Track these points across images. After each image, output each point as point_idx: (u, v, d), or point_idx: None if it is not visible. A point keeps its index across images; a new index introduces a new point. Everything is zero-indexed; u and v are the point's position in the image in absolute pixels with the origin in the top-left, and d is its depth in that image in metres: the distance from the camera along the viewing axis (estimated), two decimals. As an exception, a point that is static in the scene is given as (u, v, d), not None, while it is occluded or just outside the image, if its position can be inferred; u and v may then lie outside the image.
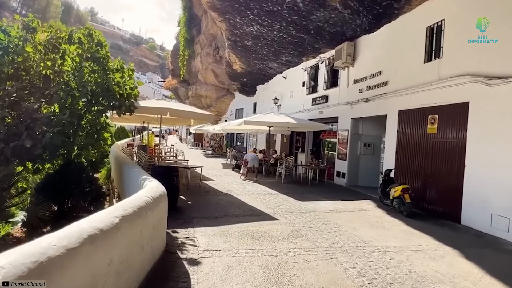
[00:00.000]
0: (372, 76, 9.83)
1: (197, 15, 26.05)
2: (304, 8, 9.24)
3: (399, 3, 8.02)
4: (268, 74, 18.70)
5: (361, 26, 9.87)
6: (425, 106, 7.51)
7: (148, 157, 8.80)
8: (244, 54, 15.17)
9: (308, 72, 14.64)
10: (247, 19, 10.66)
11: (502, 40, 5.78)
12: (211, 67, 24.73)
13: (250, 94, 24.07)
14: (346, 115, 11.28)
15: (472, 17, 6.41)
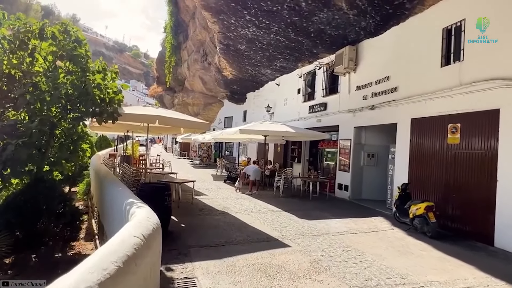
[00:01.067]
0: (378, 81, 9.16)
1: (184, 21, 25.21)
2: (307, 8, 8.53)
3: (412, 3, 7.42)
4: (260, 81, 17.95)
5: (366, 28, 9.24)
6: (443, 114, 6.84)
7: (133, 172, 7.71)
8: (236, 59, 14.36)
9: (304, 78, 13.95)
10: (243, 20, 9.86)
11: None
12: (198, 74, 23.81)
13: (240, 102, 23.25)
14: (348, 123, 10.56)
15: (499, 16, 5.82)
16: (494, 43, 5.86)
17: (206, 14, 9.99)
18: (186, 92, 29.41)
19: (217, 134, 13.10)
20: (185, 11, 23.90)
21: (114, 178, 6.52)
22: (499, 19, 5.81)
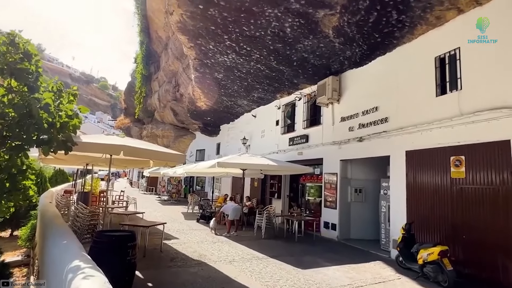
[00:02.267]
0: (366, 112, 8.71)
1: (156, 52, 24.64)
2: (291, 35, 8.07)
3: (401, 31, 7.17)
4: (235, 112, 17.28)
5: (351, 58, 8.94)
6: (444, 146, 6.34)
7: (88, 214, 6.25)
8: (212, 89, 13.62)
9: (283, 110, 13.42)
10: (222, 46, 9.22)
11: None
12: (170, 105, 22.83)
13: (213, 134, 22.32)
14: (333, 156, 9.92)
15: (501, 42, 5.57)
16: (497, 73, 5.53)
17: (182, 38, 9.27)
18: (155, 123, 28.09)
19: (190, 167, 11.91)
20: (157, 42, 23.37)
21: (62, 223, 5.12)
22: (500, 45, 5.55)
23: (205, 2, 7.16)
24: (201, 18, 7.86)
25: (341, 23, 7.22)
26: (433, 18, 6.51)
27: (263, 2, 6.91)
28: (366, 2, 6.30)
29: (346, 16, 6.93)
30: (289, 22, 7.55)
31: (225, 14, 7.51)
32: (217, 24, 8.09)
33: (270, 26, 7.84)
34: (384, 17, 6.65)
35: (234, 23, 7.93)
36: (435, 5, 6.10)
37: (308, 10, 7.01)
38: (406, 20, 6.70)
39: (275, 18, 7.46)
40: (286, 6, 6.98)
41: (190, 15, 7.78)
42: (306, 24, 7.55)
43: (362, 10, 6.55)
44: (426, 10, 6.28)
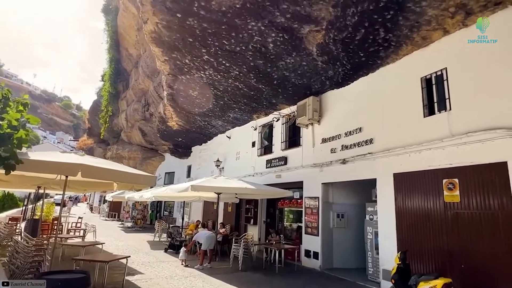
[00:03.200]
0: (349, 133, 8.41)
1: (125, 70, 23.69)
2: (274, 51, 7.71)
3: (386, 51, 7.04)
4: (208, 133, 16.55)
5: (333, 78, 8.72)
6: (435, 168, 6.05)
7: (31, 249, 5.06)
8: (185, 108, 12.90)
9: (259, 131, 12.93)
10: (200, 61, 8.67)
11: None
12: (138, 125, 21.66)
13: (184, 156, 21.28)
14: (315, 179, 9.44)
15: (489, 63, 5.50)
16: (488, 93, 5.41)
17: (156, 50, 8.61)
18: (122, 144, 26.53)
19: (160, 191, 10.87)
20: (127, 60, 22.51)
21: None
22: (489, 65, 5.46)
23: (184, 11, 6.62)
24: (178, 29, 7.30)
25: (326, 40, 6.97)
26: (419, 38, 6.43)
27: (246, 14, 6.51)
28: (354, 18, 6.09)
29: (332, 32, 6.68)
30: (273, 37, 7.20)
31: (204, 25, 7.00)
32: (195, 36, 7.56)
33: (252, 41, 7.43)
34: (371, 35, 6.48)
35: (214, 36, 7.44)
36: (423, 25, 6.01)
37: (293, 25, 6.70)
38: (393, 40, 6.58)
39: (258, 32, 7.07)
40: (270, 20, 6.63)
41: (166, 24, 7.19)
42: (290, 40, 7.23)
43: (350, 26, 6.33)
44: (413, 29, 6.18)
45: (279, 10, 6.30)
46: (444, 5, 5.42)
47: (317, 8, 6.11)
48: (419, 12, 5.67)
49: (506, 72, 5.24)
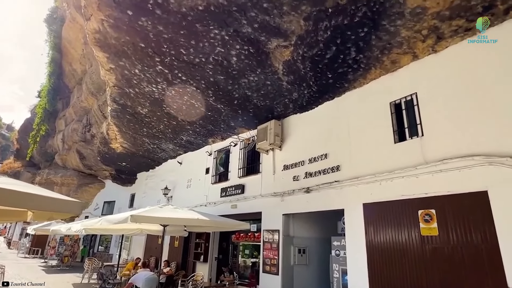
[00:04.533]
0: (313, 160, 7.83)
1: (67, 86, 21.55)
2: (237, 66, 7.04)
3: (355, 74, 6.75)
4: (157, 158, 15.06)
5: (297, 101, 8.24)
6: (409, 197, 5.59)
7: None
8: (132, 127, 11.53)
9: (215, 156, 11.93)
10: (152, 71, 7.66)
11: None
12: (76, 147, 19.35)
13: (127, 183, 19.19)
14: (275, 210, 8.58)
15: (463, 89, 5.34)
16: (463, 118, 5.19)
17: (100, 56, 7.43)
18: (55, 168, 23.44)
19: (92, 222, 9.06)
20: (70, 76, 20.50)
21: None
22: (460, 92, 5.30)
23: (136, 7, 5.71)
24: (128, 30, 6.31)
25: (295, 56, 6.49)
26: (388, 61, 6.23)
27: (209, 19, 5.80)
28: (327, 34, 5.69)
29: (301, 48, 6.22)
30: (237, 50, 6.54)
31: (160, 28, 6.13)
32: (148, 41, 6.61)
33: (214, 52, 6.69)
34: (342, 54, 6.13)
35: (170, 43, 6.57)
36: (394, 47, 5.80)
37: (260, 37, 6.13)
38: (363, 61, 6.29)
39: (221, 42, 6.36)
40: (236, 29, 5.98)
41: (114, 23, 6.18)
42: (256, 55, 6.62)
43: (321, 42, 5.91)
44: (384, 51, 5.95)
45: (247, 18, 5.70)
46: (418, 26, 5.25)
47: (288, 20, 5.62)
48: (393, 32, 5.44)
49: (477, 98, 5.09)
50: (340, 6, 5.13)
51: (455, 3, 4.73)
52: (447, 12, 4.90)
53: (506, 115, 4.71)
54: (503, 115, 4.74)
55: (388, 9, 4.97)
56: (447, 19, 5.04)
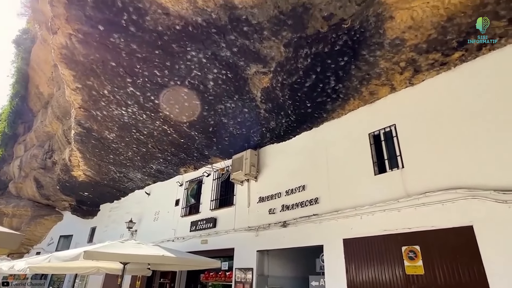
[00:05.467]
0: (291, 192, 7.45)
1: (31, 110, 20.39)
2: (214, 91, 6.77)
3: (333, 104, 6.66)
4: (123, 188, 14.05)
5: (274, 130, 8.01)
6: (392, 233, 5.28)
7: None
8: (98, 153, 10.72)
9: (186, 187, 11.25)
10: (122, 93, 7.20)
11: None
12: (34, 174, 17.85)
13: (88, 216, 17.66)
14: (248, 246, 7.96)
15: (436, 122, 5.32)
16: (444, 150, 5.11)
17: (66, 74, 6.89)
18: (7, 198, 21.34)
19: (39, 260, 7.89)
20: (36, 99, 19.48)
21: None
22: (440, 124, 5.27)
23: (108, 23, 5.38)
24: (99, 47, 5.92)
25: (274, 84, 6.33)
26: (367, 92, 6.21)
27: (187, 40, 5.57)
28: (307, 61, 5.60)
29: (280, 75, 6.08)
30: (214, 74, 6.30)
31: (133, 46, 5.80)
32: (120, 60, 6.23)
33: (190, 75, 6.41)
34: (322, 82, 6.04)
35: (144, 63, 6.23)
36: (373, 78, 5.80)
37: (239, 62, 5.95)
38: (342, 91, 6.23)
39: (198, 65, 6.12)
40: (214, 52, 5.78)
41: (83, 38, 5.78)
42: (234, 80, 6.41)
43: (301, 70, 5.81)
44: (363, 82, 5.93)
45: (226, 41, 5.53)
46: (396, 58, 5.29)
47: (268, 45, 5.50)
48: (372, 63, 5.44)
49: (456, 130, 5.07)
50: (321, 33, 5.09)
51: (432, 37, 4.81)
52: (424, 45, 4.98)
53: (485, 148, 4.66)
54: (482, 148, 4.69)
55: (368, 38, 4.98)
56: (424, 52, 5.11)
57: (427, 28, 4.67)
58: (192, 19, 5.13)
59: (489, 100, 4.81)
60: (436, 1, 4.32)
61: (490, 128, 4.69)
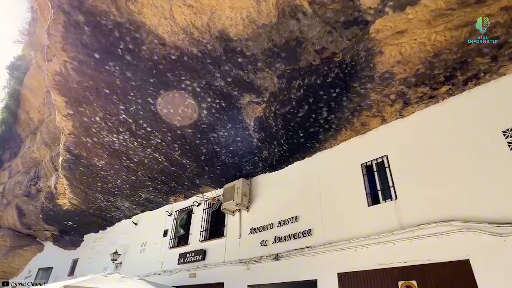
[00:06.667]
0: (283, 223, 7.28)
1: (19, 136, 20.10)
2: (207, 119, 6.79)
3: (326, 134, 6.72)
4: (110, 217, 13.56)
5: (267, 160, 7.97)
6: (388, 267, 5.12)
7: None
8: (85, 181, 10.43)
9: (175, 217, 10.91)
10: (114, 120, 7.15)
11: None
12: (17, 202, 17.23)
13: (71, 247, 16.85)
14: (239, 280, 7.60)
15: (428, 154, 5.38)
16: (437, 182, 5.11)
17: (58, 100, 6.84)
18: (-15, 227, 20.29)
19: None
20: (25, 124, 19.23)
21: None
22: (432, 155, 5.32)
23: (104, 51, 5.45)
24: (93, 74, 5.96)
25: (267, 113, 6.39)
26: (358, 123, 6.30)
27: (182, 69, 5.65)
28: (300, 92, 5.71)
29: (273, 105, 6.16)
30: (208, 103, 6.35)
31: (128, 74, 5.85)
32: (114, 88, 6.25)
33: (184, 104, 6.45)
34: (314, 113, 6.12)
35: (138, 91, 6.26)
36: (364, 109, 5.92)
37: (233, 91, 6.04)
38: (334, 121, 6.32)
39: (192, 94, 6.17)
40: (209, 81, 5.86)
41: (78, 66, 5.82)
42: (227, 109, 6.46)
43: (294, 100, 5.90)
44: (354, 113, 6.04)
45: (220, 72, 5.63)
46: (387, 91, 5.43)
47: (262, 76, 5.62)
48: (363, 95, 5.58)
49: (447, 162, 5.12)
50: (313, 66, 5.24)
51: (420, 71, 4.99)
52: (413, 79, 5.15)
53: (477, 180, 4.69)
54: (475, 180, 4.71)
55: (359, 71, 5.14)
56: (413, 86, 5.28)
57: (415, 63, 4.85)
58: (188, 50, 5.24)
59: (478, 133, 4.92)
60: (423, 38, 4.52)
61: (482, 161, 4.74)
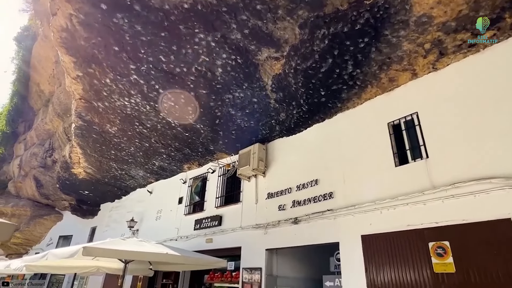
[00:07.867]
0: (302, 186, 7.05)
1: (31, 108, 20.09)
2: (222, 79, 6.39)
3: (349, 92, 6.27)
4: (125, 186, 13.65)
5: (284, 123, 7.62)
6: (417, 228, 4.86)
7: None
8: (99, 149, 10.33)
9: (190, 184, 10.84)
10: (125, 81, 6.83)
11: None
12: (34, 173, 17.51)
13: (89, 215, 17.25)
14: (257, 244, 7.53)
15: (462, 109, 4.92)
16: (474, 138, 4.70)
17: (67, 60, 6.54)
18: (6, 198, 20.97)
19: (36, 258, 7.47)
20: (36, 97, 19.17)
21: None
22: (467, 111, 4.86)
23: (112, 1, 5.02)
24: (101, 29, 5.56)
25: (286, 70, 5.95)
26: (386, 79, 5.82)
27: (195, 20, 5.20)
28: (323, 43, 5.22)
29: (294, 61, 5.70)
30: (223, 59, 5.92)
31: (138, 27, 5.43)
32: (123, 44, 5.86)
33: (197, 61, 6.03)
34: (338, 67, 5.65)
35: (149, 47, 5.86)
36: (394, 62, 5.42)
37: (250, 45, 5.58)
38: (359, 77, 5.85)
39: (206, 50, 5.74)
40: (224, 34, 5.41)
41: (84, 19, 5.42)
42: (244, 66, 6.03)
43: (317, 53, 5.43)
44: (382, 67, 5.55)
45: (237, 22, 5.16)
46: (421, 39, 4.90)
47: (282, 27, 5.13)
48: (394, 44, 5.06)
49: (487, 115, 4.67)
50: (340, 12, 4.72)
51: (463, 13, 4.43)
52: (453, 23, 4.60)
53: (522, 133, 4.26)
54: (519, 134, 4.29)
55: (392, 16, 4.60)
56: (452, 32, 4.73)
57: (458, 2, 4.29)
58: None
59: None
60: (470, -29, 3.94)
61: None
